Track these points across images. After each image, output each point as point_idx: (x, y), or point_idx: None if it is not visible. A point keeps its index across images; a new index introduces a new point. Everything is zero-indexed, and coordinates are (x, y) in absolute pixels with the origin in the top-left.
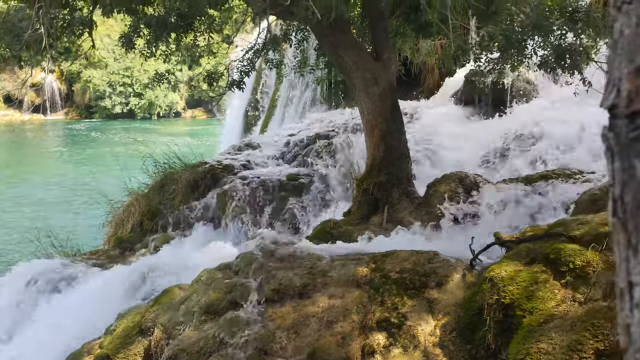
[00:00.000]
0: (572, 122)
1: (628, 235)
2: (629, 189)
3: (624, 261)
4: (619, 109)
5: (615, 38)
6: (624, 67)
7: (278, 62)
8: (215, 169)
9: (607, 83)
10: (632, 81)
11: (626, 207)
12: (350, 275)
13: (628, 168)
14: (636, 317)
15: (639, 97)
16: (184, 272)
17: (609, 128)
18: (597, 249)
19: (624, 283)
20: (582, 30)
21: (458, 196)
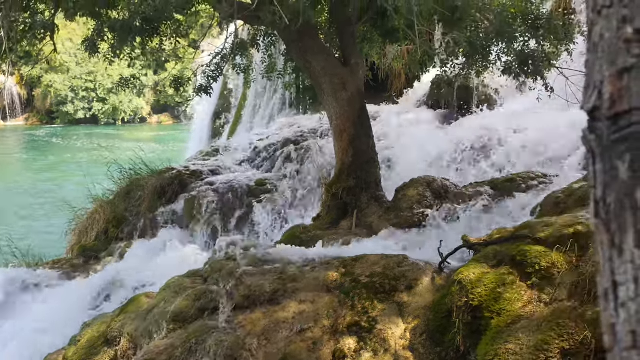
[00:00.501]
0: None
1: (611, 236)
2: (611, 190)
3: (607, 261)
4: (602, 111)
5: (595, 41)
6: (606, 70)
7: (246, 67)
8: (183, 175)
9: (586, 86)
10: (614, 84)
11: (609, 208)
12: (320, 280)
13: (610, 170)
14: (622, 317)
15: (621, 99)
16: (151, 280)
17: (589, 130)
18: (562, 251)
19: (608, 283)
20: (544, 37)
21: (426, 200)
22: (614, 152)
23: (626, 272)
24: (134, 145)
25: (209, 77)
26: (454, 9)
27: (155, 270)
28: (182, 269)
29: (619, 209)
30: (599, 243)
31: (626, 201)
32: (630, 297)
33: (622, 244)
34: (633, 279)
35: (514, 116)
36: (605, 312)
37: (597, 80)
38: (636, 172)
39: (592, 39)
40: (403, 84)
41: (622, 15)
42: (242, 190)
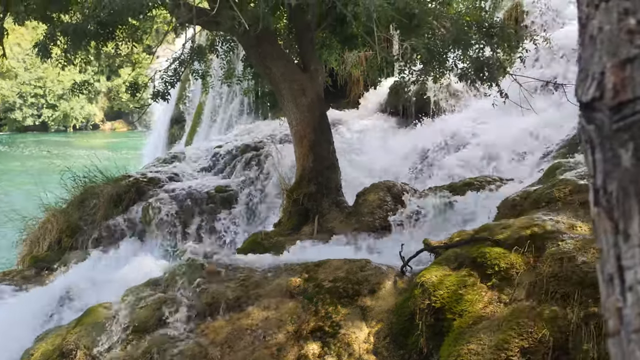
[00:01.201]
0: (491, 131)
1: (615, 223)
2: (612, 178)
3: (612, 247)
4: (603, 101)
5: (592, 34)
6: (607, 61)
7: (204, 72)
8: (140, 182)
9: (582, 78)
10: (617, 74)
11: (610, 195)
12: (283, 286)
13: (612, 158)
14: (629, 300)
15: (625, 89)
16: (108, 291)
17: (587, 121)
18: (520, 252)
19: (613, 268)
20: (498, 44)
21: (387, 205)
22: (616, 141)
23: (634, 256)
24: (87, 153)
25: (167, 82)
26: (412, 16)
27: (112, 280)
28: (141, 278)
29: (623, 196)
30: (601, 230)
31: (631, 188)
32: (639, 281)
33: (627, 230)
34: None
35: (470, 121)
36: (610, 297)
37: (596, 72)
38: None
39: (588, 32)
40: (362, 90)
41: (623, 8)
42: (201, 197)
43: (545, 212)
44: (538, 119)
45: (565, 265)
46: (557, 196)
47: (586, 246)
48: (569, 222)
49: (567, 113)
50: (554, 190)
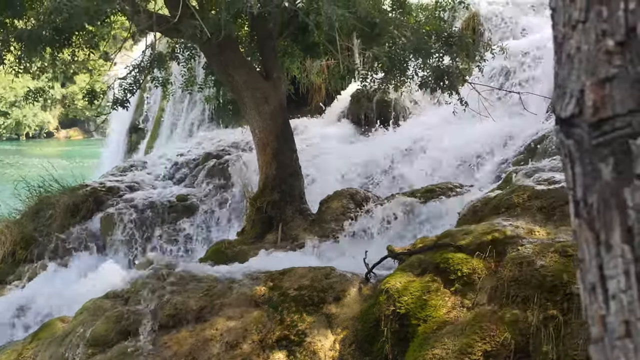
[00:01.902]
0: (450, 138)
1: (596, 233)
2: (593, 191)
3: (594, 257)
4: (583, 117)
5: (569, 53)
6: (586, 80)
7: (164, 80)
8: (98, 192)
9: (559, 95)
10: (596, 92)
11: (591, 207)
12: (248, 295)
13: (591, 171)
14: (613, 308)
15: (604, 106)
16: (65, 304)
17: (566, 136)
18: (481, 257)
19: (596, 277)
20: (457, 53)
21: (350, 212)
22: (596, 156)
23: (616, 266)
24: (42, 162)
25: (126, 90)
26: (373, 25)
27: (70, 293)
28: (101, 290)
29: (604, 208)
30: (582, 240)
31: (612, 201)
32: (622, 289)
33: (609, 240)
34: (624, 273)
35: (430, 128)
36: (593, 305)
37: (575, 90)
38: (621, 173)
39: (565, 51)
40: (323, 97)
41: (601, 29)
42: (162, 206)
43: (505, 217)
44: (497, 125)
45: (524, 269)
46: (516, 202)
47: (544, 250)
48: (527, 227)
49: (525, 120)
50: (513, 196)
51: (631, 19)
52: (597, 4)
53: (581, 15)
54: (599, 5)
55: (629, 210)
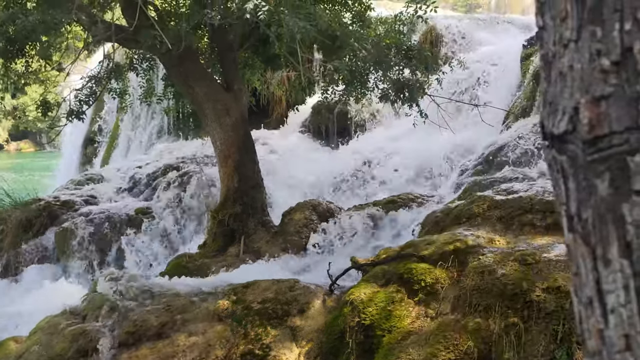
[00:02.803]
0: (411, 149)
1: (592, 248)
2: (587, 206)
3: (590, 271)
4: (578, 133)
5: (562, 72)
6: (580, 97)
7: (122, 91)
8: (53, 206)
9: (550, 112)
10: (592, 110)
11: (586, 222)
12: (211, 309)
13: (586, 187)
14: (612, 322)
15: (600, 124)
16: (18, 323)
17: (558, 152)
18: (444, 267)
19: (592, 291)
20: (416, 66)
21: (313, 223)
22: (592, 172)
23: (615, 280)
24: None
25: (81, 101)
26: (334, 38)
27: (24, 311)
28: (57, 307)
29: (599, 223)
30: (577, 255)
31: (608, 216)
32: (621, 304)
33: (606, 255)
34: (623, 287)
35: (390, 140)
36: (590, 319)
37: (568, 107)
38: (618, 189)
39: (556, 69)
40: (284, 109)
41: (595, 49)
42: (120, 220)
43: (466, 227)
44: (456, 137)
45: (486, 278)
46: (477, 212)
47: (504, 259)
48: (488, 237)
49: (484, 131)
50: (473, 206)
51: (627, 39)
52: (590, 25)
53: (573, 34)
54: (592, 26)
55: (627, 225)
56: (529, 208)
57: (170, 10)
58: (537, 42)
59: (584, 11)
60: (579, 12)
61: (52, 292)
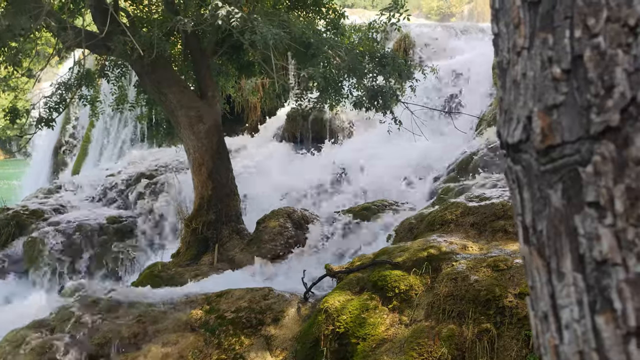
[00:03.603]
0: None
1: (546, 261)
2: (542, 217)
3: (545, 285)
4: (532, 143)
5: (515, 79)
6: (533, 106)
7: (93, 98)
8: (21, 215)
9: (506, 120)
10: (544, 119)
11: (540, 234)
12: (184, 319)
13: (540, 198)
14: (566, 338)
15: (552, 133)
16: None
17: (513, 161)
18: (418, 273)
19: (547, 306)
20: (390, 74)
21: (288, 231)
22: (545, 182)
23: (569, 295)
24: None
25: (51, 108)
26: (308, 46)
27: None
28: (24, 319)
29: (554, 234)
30: (532, 268)
31: (561, 227)
32: (575, 319)
33: (560, 268)
34: (577, 302)
35: (364, 146)
36: (545, 334)
37: (522, 116)
38: (571, 199)
39: (510, 76)
40: (259, 116)
41: (547, 56)
42: (92, 229)
43: (439, 234)
44: (430, 144)
45: (459, 284)
46: (450, 218)
47: (477, 265)
48: (461, 243)
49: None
50: (446, 213)
51: (577, 47)
52: (542, 32)
53: (525, 42)
54: (544, 33)
55: (580, 237)
56: (502, 214)
57: (143, 17)
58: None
59: (536, 18)
60: (532, 19)
61: (20, 303)
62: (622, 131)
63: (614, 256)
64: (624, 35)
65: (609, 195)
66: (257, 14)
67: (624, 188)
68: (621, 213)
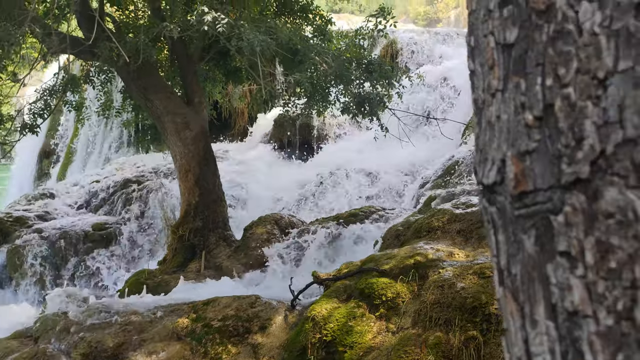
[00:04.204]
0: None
1: (520, 305)
2: (516, 261)
3: (519, 330)
4: (505, 187)
5: (490, 121)
6: (507, 150)
7: (78, 104)
8: (4, 222)
9: (481, 160)
10: (517, 164)
11: (515, 277)
12: (170, 328)
13: (514, 242)
14: None
15: (525, 179)
16: None
17: (488, 202)
18: (405, 281)
19: (521, 351)
20: (377, 80)
21: (275, 237)
22: (519, 226)
23: (542, 343)
24: None
25: (36, 114)
26: (295, 52)
27: None
28: (7, 329)
29: (527, 280)
30: (507, 311)
31: (534, 274)
32: None
33: (533, 315)
34: (549, 351)
35: (351, 152)
36: None
37: (497, 158)
38: (544, 246)
39: (485, 117)
40: (246, 122)
41: (520, 102)
42: (77, 236)
43: (426, 240)
44: (417, 150)
45: (446, 291)
46: (437, 225)
47: (464, 272)
48: (448, 250)
49: (443, 144)
50: (433, 220)
51: (549, 95)
52: (514, 76)
53: (499, 84)
54: (516, 77)
55: (552, 287)
56: None
57: (129, 22)
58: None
59: (510, 61)
60: (505, 62)
61: (2, 313)
62: (592, 183)
63: (585, 308)
64: (593, 88)
65: (580, 247)
66: (243, 20)
67: (594, 241)
68: (592, 265)
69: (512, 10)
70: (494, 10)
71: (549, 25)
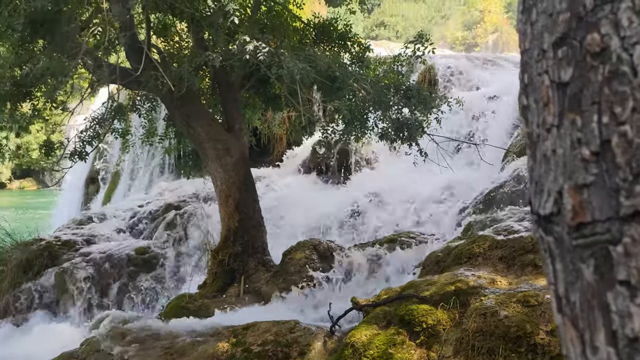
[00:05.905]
0: (411, 187)
1: (580, 332)
2: (575, 289)
3: (580, 356)
4: (562, 217)
5: (546, 155)
6: (564, 183)
7: (124, 131)
8: (54, 246)
9: (537, 192)
10: (575, 197)
11: (574, 305)
12: (210, 352)
13: (573, 270)
14: None
15: (583, 211)
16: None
17: (545, 232)
18: (446, 308)
19: None
20: (415, 106)
21: (313, 263)
22: (577, 256)
23: None
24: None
25: (85, 142)
26: (334, 79)
27: (22, 355)
28: (55, 351)
29: (587, 307)
30: (567, 338)
31: (594, 302)
32: None
33: (594, 342)
34: None
35: (391, 178)
36: None
37: (553, 190)
38: (603, 275)
39: (540, 150)
40: (285, 147)
41: (576, 137)
42: (121, 260)
43: (467, 267)
44: (456, 175)
45: (488, 320)
46: (477, 252)
47: (507, 300)
48: (489, 277)
49: (483, 169)
50: (474, 246)
51: (605, 132)
52: (570, 113)
53: (555, 120)
54: (572, 114)
55: (612, 314)
56: (530, 248)
57: (173, 53)
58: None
59: (565, 99)
60: (560, 99)
61: (51, 335)
62: None
63: None
64: None
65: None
66: (283, 49)
67: None
68: None
69: (566, 51)
70: (548, 51)
71: (604, 66)
